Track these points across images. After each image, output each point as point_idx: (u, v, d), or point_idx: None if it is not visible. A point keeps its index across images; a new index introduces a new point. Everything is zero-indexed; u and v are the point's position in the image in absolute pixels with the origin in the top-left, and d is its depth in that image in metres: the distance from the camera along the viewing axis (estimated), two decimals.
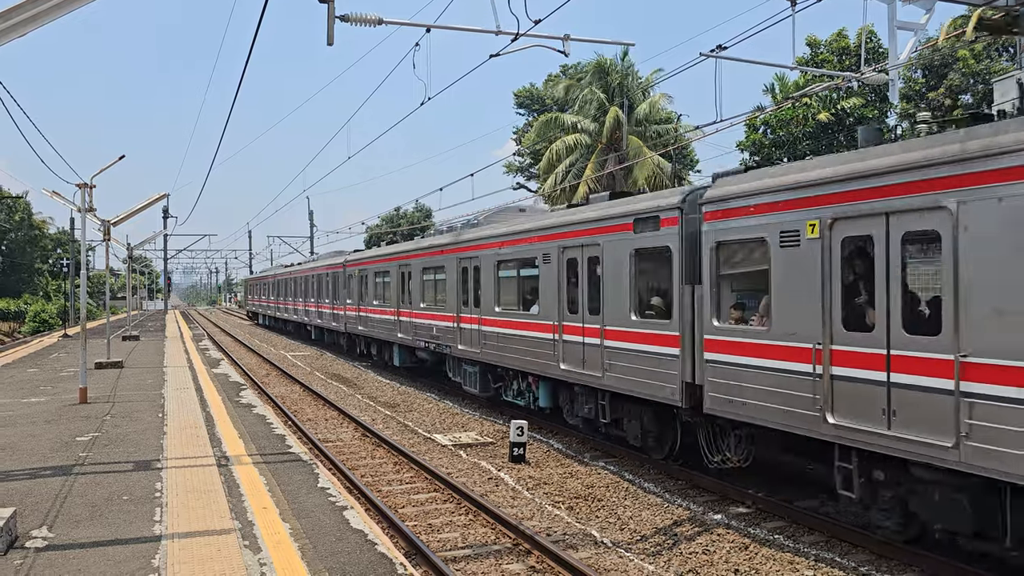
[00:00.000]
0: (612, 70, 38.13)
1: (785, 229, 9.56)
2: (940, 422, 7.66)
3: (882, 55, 28.79)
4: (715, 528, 10.05)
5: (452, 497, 11.55)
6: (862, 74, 13.64)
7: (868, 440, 8.43)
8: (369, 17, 12.14)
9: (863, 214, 8.53)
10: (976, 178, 7.45)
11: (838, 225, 8.88)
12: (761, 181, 10.05)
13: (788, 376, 9.48)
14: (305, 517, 8.87)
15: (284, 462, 11.71)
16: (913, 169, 8.03)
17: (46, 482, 10.45)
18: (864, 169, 8.58)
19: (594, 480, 12.43)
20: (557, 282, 14.85)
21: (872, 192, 8.48)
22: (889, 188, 8.29)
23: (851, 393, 8.66)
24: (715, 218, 10.75)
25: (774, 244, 9.71)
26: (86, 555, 7.63)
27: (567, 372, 14.48)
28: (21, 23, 7.81)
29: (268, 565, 7.30)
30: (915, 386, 7.97)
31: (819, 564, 8.75)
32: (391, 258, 25.79)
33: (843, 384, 8.77)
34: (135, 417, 15.61)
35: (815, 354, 9.07)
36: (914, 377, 8.00)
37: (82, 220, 18.74)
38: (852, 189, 8.70)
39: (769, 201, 9.84)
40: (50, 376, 23.39)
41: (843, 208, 8.80)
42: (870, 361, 8.46)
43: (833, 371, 8.87)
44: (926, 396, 7.84)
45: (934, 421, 7.73)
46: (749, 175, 10.52)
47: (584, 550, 9.30)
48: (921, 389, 7.90)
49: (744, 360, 10.20)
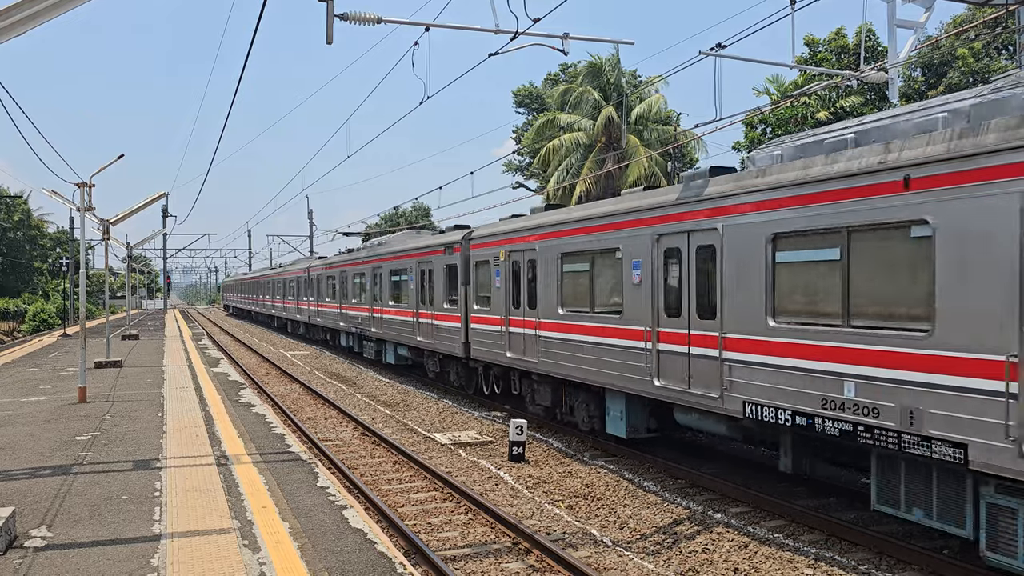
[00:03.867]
0: (607, 69, 38.14)
1: (494, 256, 16.28)
2: (536, 352, 12.65)
3: (881, 53, 28.78)
4: (715, 527, 10.05)
5: (451, 496, 11.55)
6: (861, 72, 13.61)
7: (520, 364, 12.96)
8: (368, 16, 12.14)
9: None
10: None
11: (511, 255, 16.03)
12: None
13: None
14: (304, 516, 8.87)
15: (283, 461, 11.71)
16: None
17: (45, 481, 10.44)
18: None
19: (593, 479, 12.42)
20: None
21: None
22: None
23: (514, 340, 13.47)
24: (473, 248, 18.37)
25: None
26: (85, 554, 7.62)
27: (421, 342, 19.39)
28: (20, 21, 7.80)
29: (267, 564, 7.30)
30: (529, 335, 13.33)
31: (819, 563, 8.75)
32: (331, 266, 35.29)
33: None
34: (134, 416, 15.60)
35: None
36: (529, 329, 13.66)
37: (81, 219, 18.73)
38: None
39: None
40: (49, 375, 23.38)
41: (509, 247, 15.49)
42: (520, 323, 13.61)
43: (510, 330, 13.26)
44: (533, 339, 12.89)
45: (534, 352, 12.73)
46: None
47: (584, 549, 9.29)
48: (531, 336, 13.06)
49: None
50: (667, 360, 11.73)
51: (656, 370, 11.92)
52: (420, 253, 22.69)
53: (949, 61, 31.70)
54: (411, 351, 24.64)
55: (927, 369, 7.81)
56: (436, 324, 21.20)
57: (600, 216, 13.50)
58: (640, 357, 12.26)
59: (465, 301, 19.23)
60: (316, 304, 38.44)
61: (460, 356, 19.68)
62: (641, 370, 12.25)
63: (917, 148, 8.02)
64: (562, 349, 14.51)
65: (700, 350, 11.03)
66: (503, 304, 17.00)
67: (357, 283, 30.58)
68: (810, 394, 9.12)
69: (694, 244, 11.18)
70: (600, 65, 38.18)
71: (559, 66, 53.39)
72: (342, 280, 32.83)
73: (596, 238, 13.62)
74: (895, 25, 12.34)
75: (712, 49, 13.85)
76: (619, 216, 12.92)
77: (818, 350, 9.07)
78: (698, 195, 11.05)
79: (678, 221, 11.48)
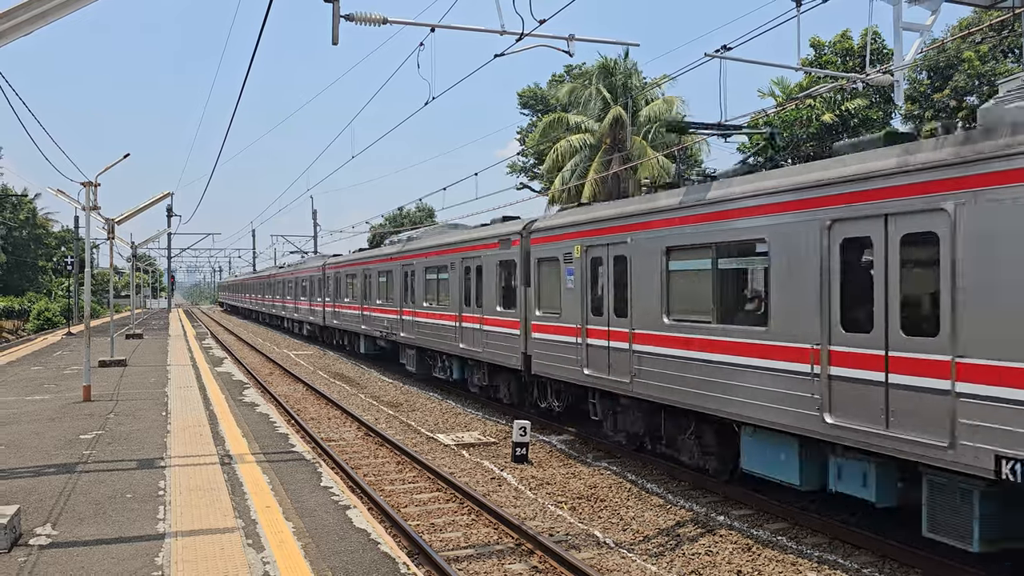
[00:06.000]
0: (616, 70, 38.11)
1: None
2: (627, 370, 12.64)
3: (887, 56, 28.74)
4: (718, 529, 10.04)
5: (455, 497, 11.55)
6: (867, 75, 13.59)
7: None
8: (374, 16, 12.14)
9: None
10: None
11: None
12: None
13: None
14: (308, 516, 8.88)
15: (287, 461, 11.72)
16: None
17: (50, 480, 10.47)
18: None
19: (597, 480, 12.42)
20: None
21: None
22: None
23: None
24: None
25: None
26: (90, 553, 7.64)
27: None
28: (27, 21, 7.82)
29: (271, 564, 7.31)
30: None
31: (822, 566, 8.74)
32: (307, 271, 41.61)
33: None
34: (139, 415, 15.63)
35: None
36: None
37: (86, 218, 18.78)
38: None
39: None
40: (54, 374, 23.44)
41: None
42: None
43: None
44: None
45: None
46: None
47: (587, 550, 9.30)
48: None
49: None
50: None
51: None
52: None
53: (955, 64, 31.63)
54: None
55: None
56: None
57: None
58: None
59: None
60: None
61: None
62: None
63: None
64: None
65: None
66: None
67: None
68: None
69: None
70: (610, 65, 38.15)
71: (564, 67, 53.41)
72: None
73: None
74: (901, 28, 12.31)
75: (717, 51, 13.85)
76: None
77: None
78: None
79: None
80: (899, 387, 8.18)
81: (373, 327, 28.35)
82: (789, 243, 9.58)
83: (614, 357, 13.23)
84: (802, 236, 9.37)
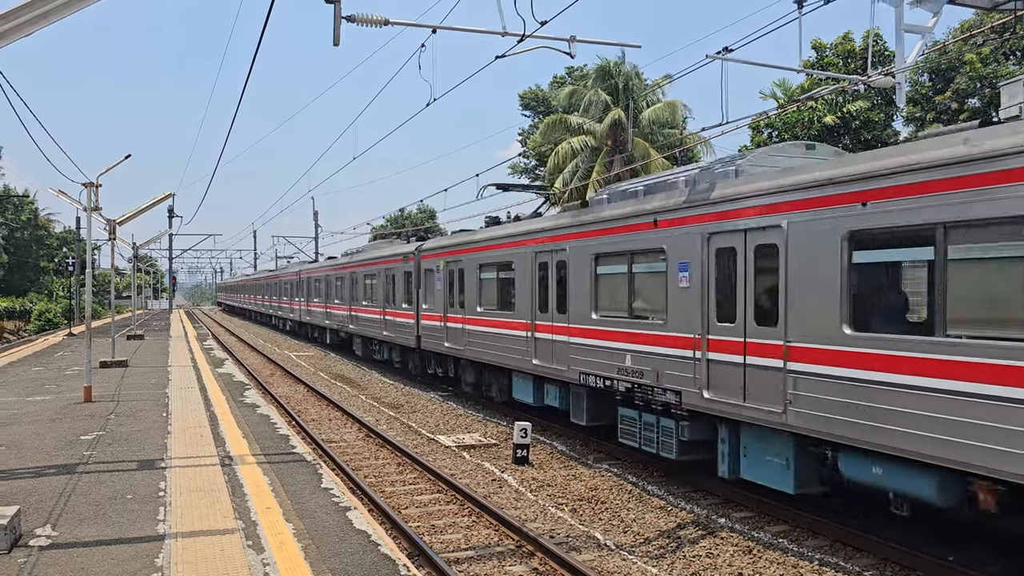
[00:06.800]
0: (615, 73, 38.09)
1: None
2: (528, 353, 16.06)
3: (889, 58, 28.73)
4: (719, 531, 10.03)
5: (455, 499, 11.54)
6: (869, 77, 13.58)
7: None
8: (375, 18, 12.14)
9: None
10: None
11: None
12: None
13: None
14: (308, 518, 8.87)
15: (288, 462, 11.71)
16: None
17: (50, 480, 10.46)
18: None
19: (597, 482, 12.41)
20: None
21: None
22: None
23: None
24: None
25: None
26: (90, 554, 7.63)
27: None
28: (29, 21, 7.82)
29: (271, 565, 7.30)
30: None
31: (823, 568, 8.72)
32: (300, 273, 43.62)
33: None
34: (139, 416, 15.63)
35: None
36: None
37: (88, 219, 18.79)
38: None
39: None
40: (55, 375, 23.44)
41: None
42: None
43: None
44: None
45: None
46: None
47: (587, 552, 9.28)
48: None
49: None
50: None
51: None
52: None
53: (957, 66, 31.63)
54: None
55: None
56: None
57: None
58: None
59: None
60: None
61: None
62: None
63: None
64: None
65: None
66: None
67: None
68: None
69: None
70: (609, 68, 38.13)
71: (565, 68, 53.43)
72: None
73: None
74: (903, 30, 12.29)
75: (719, 53, 13.83)
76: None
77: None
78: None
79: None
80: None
81: (333, 321, 34.64)
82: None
83: (454, 333, 20.17)
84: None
